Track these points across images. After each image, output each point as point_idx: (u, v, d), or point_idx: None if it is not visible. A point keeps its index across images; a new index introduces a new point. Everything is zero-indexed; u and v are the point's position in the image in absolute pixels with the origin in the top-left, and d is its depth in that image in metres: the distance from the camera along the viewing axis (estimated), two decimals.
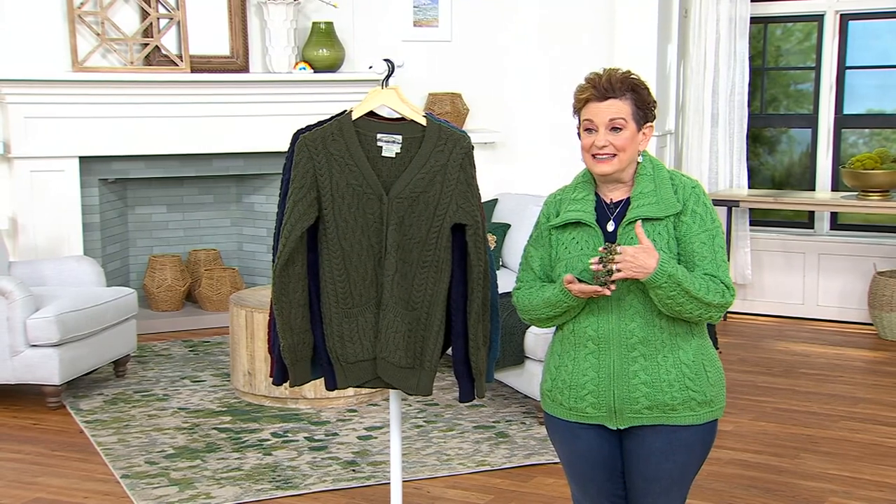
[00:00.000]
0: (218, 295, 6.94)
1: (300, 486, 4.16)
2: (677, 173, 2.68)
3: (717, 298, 2.55)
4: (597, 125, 2.58)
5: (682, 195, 2.61)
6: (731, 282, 2.61)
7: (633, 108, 2.58)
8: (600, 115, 2.58)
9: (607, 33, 7.06)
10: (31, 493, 4.16)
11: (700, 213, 2.60)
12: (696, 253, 2.58)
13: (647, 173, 2.63)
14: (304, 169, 2.85)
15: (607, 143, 2.57)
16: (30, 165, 6.31)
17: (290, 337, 2.92)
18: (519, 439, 4.68)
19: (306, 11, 6.93)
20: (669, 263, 2.50)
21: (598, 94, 2.58)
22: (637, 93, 2.59)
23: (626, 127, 2.58)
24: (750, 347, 6.40)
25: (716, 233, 2.61)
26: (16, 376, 5.17)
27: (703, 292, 2.52)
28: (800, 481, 4.24)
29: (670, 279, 2.49)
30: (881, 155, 6.50)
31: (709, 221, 2.61)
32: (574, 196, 2.67)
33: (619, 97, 2.57)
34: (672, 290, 2.50)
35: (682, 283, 2.49)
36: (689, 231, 2.59)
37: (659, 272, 2.48)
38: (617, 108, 2.57)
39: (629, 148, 2.59)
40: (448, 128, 2.88)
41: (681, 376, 2.60)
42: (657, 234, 2.58)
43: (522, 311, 2.72)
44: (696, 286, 2.52)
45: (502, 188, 7.01)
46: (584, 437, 2.68)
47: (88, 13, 6.41)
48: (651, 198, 2.60)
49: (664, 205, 2.59)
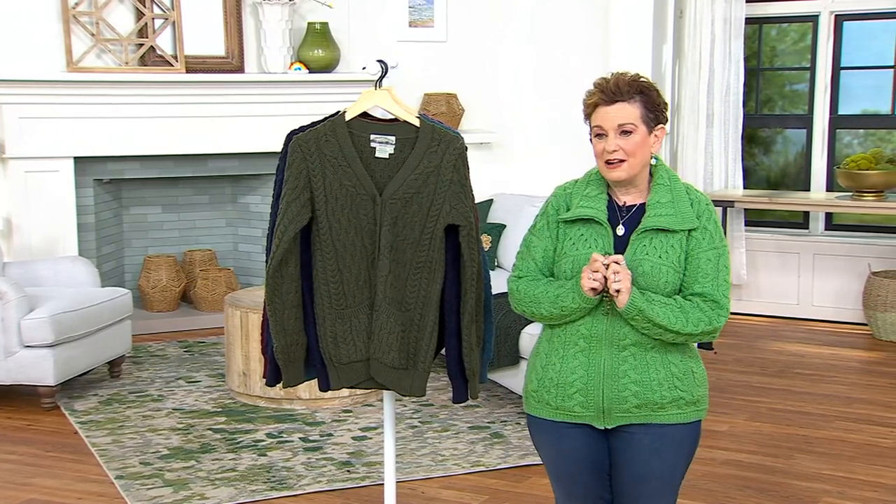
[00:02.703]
0: (213, 295, 6.94)
1: (295, 487, 4.16)
2: (691, 186, 2.67)
3: (699, 327, 2.54)
4: (606, 130, 2.57)
5: (696, 209, 2.61)
6: (728, 303, 2.59)
7: (642, 111, 2.56)
8: (609, 120, 2.56)
9: (602, 34, 7.07)
10: (25, 493, 4.16)
11: (710, 230, 2.60)
12: (700, 269, 2.57)
13: (664, 183, 2.62)
14: (298, 170, 2.85)
15: (617, 148, 2.55)
16: (24, 166, 6.30)
17: (283, 338, 2.92)
18: (514, 440, 4.68)
19: (302, 12, 6.93)
20: (639, 298, 2.50)
21: (606, 99, 2.56)
22: (646, 95, 2.58)
23: (636, 130, 2.56)
24: (745, 348, 6.41)
25: (722, 251, 2.60)
26: (10, 377, 5.16)
27: (679, 325, 2.52)
28: (794, 481, 4.24)
29: (640, 314, 2.50)
30: (876, 155, 6.51)
31: (717, 239, 2.60)
32: (587, 192, 2.65)
33: (627, 100, 2.55)
34: (645, 323, 2.51)
35: (654, 319, 2.50)
36: (699, 246, 2.58)
37: (629, 306, 2.49)
38: (626, 111, 2.55)
39: (639, 152, 2.57)
40: (441, 129, 2.88)
41: (669, 376, 2.60)
42: (670, 247, 2.57)
43: (519, 302, 2.66)
44: (669, 319, 2.51)
45: (497, 189, 7.01)
46: (570, 436, 2.66)
47: (83, 13, 6.40)
48: (668, 209, 2.58)
49: (681, 217, 2.58)
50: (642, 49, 6.90)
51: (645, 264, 2.55)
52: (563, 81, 7.07)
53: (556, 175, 2.79)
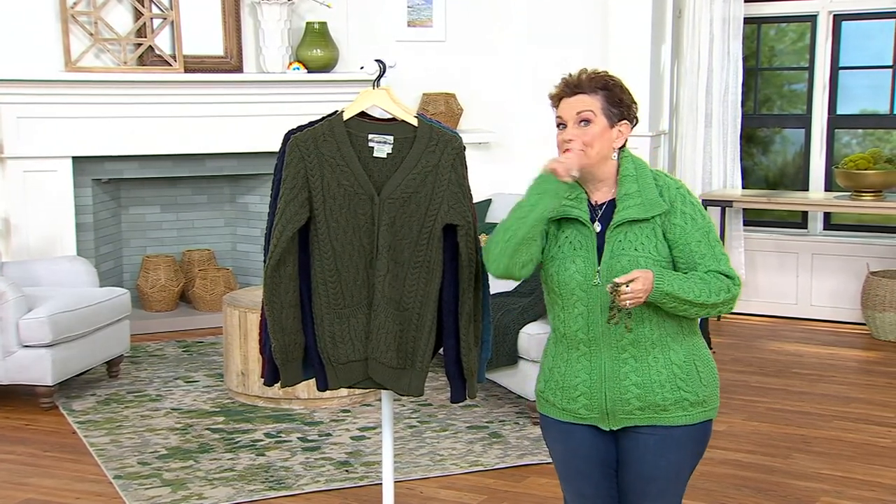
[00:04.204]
0: (211, 295, 6.94)
1: (293, 487, 4.16)
2: (660, 173, 2.68)
3: (721, 296, 2.56)
4: (566, 120, 2.59)
5: (667, 196, 2.61)
6: (735, 272, 2.61)
7: (603, 104, 2.57)
8: (569, 110, 2.58)
9: (601, 34, 7.07)
10: (22, 493, 4.16)
11: (689, 212, 2.60)
12: (696, 252, 2.58)
13: (631, 174, 2.63)
14: (296, 169, 2.85)
15: (574, 137, 2.56)
16: (23, 165, 6.30)
17: (281, 337, 2.91)
18: (512, 439, 4.68)
19: (300, 11, 6.93)
20: (664, 282, 2.50)
21: (567, 91, 2.60)
22: (609, 90, 2.59)
23: (595, 120, 2.57)
24: (743, 347, 6.41)
25: (709, 229, 2.61)
26: (8, 377, 5.16)
27: (704, 296, 2.53)
28: (792, 481, 4.25)
29: (668, 297, 2.51)
30: (874, 155, 6.50)
31: (700, 219, 2.61)
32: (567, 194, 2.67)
33: (587, 93, 2.58)
34: (672, 303, 2.52)
35: (681, 295, 2.51)
36: (684, 233, 2.59)
37: (656, 292, 2.49)
38: (584, 102, 2.57)
39: (597, 143, 2.57)
40: (439, 128, 2.88)
41: (672, 377, 2.60)
42: (645, 238, 2.58)
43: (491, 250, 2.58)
44: (695, 293, 2.53)
45: (496, 188, 7.01)
46: (578, 434, 2.68)
47: (81, 13, 6.40)
48: (636, 199, 2.59)
49: (649, 205, 2.59)
50: (641, 49, 6.91)
51: (623, 259, 2.56)
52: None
53: None
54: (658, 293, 2.49)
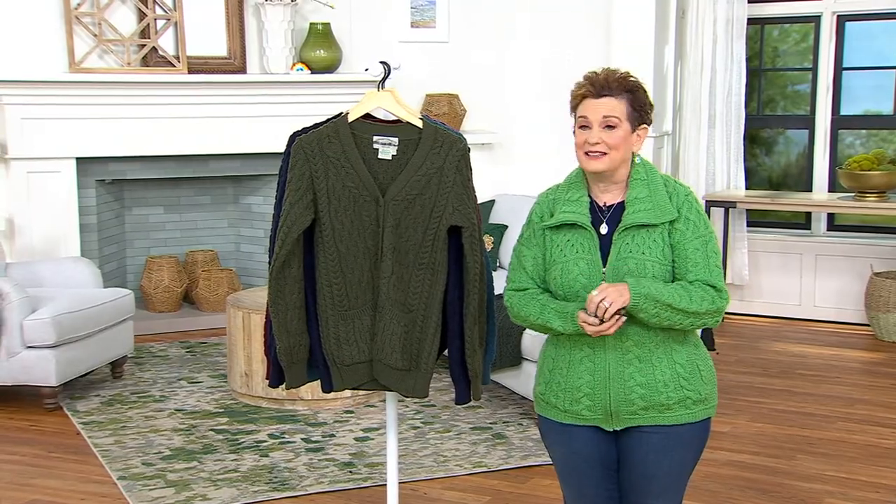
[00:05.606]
0: (215, 296, 6.94)
1: (297, 488, 4.16)
2: (671, 179, 2.68)
3: (703, 306, 2.56)
4: (591, 122, 2.59)
5: (676, 202, 2.62)
6: (724, 286, 2.62)
7: (628, 109, 2.58)
8: (595, 112, 2.58)
9: (604, 34, 7.07)
10: (27, 494, 4.16)
11: (693, 219, 2.61)
12: (690, 259, 2.59)
13: (642, 178, 2.63)
14: (301, 171, 2.85)
15: (600, 141, 2.57)
16: (26, 166, 6.31)
17: (286, 339, 2.92)
18: (516, 441, 4.68)
19: (304, 12, 6.93)
20: (640, 285, 2.51)
21: (594, 91, 2.59)
22: (633, 94, 2.60)
23: (620, 126, 2.58)
24: (747, 348, 6.40)
25: (709, 238, 2.62)
26: (12, 377, 5.16)
27: (685, 302, 2.53)
28: (796, 482, 4.24)
29: (648, 300, 2.50)
30: (878, 156, 6.50)
31: (702, 227, 2.61)
32: (568, 197, 2.67)
33: (615, 96, 2.58)
34: (654, 309, 2.51)
35: (660, 298, 2.51)
36: (683, 238, 2.60)
37: (634, 296, 2.49)
38: (612, 106, 2.57)
39: (621, 147, 2.59)
40: (444, 130, 2.88)
41: (675, 376, 2.61)
42: (653, 242, 2.58)
43: (515, 317, 2.72)
44: (676, 298, 2.52)
45: (500, 189, 7.01)
46: (579, 436, 2.68)
47: (85, 14, 6.41)
48: (646, 203, 2.60)
49: (659, 211, 2.59)
50: (644, 50, 6.90)
51: (630, 262, 2.57)
52: (565, 82, 7.03)
53: (558, 176, 2.78)
54: (636, 296, 2.49)
